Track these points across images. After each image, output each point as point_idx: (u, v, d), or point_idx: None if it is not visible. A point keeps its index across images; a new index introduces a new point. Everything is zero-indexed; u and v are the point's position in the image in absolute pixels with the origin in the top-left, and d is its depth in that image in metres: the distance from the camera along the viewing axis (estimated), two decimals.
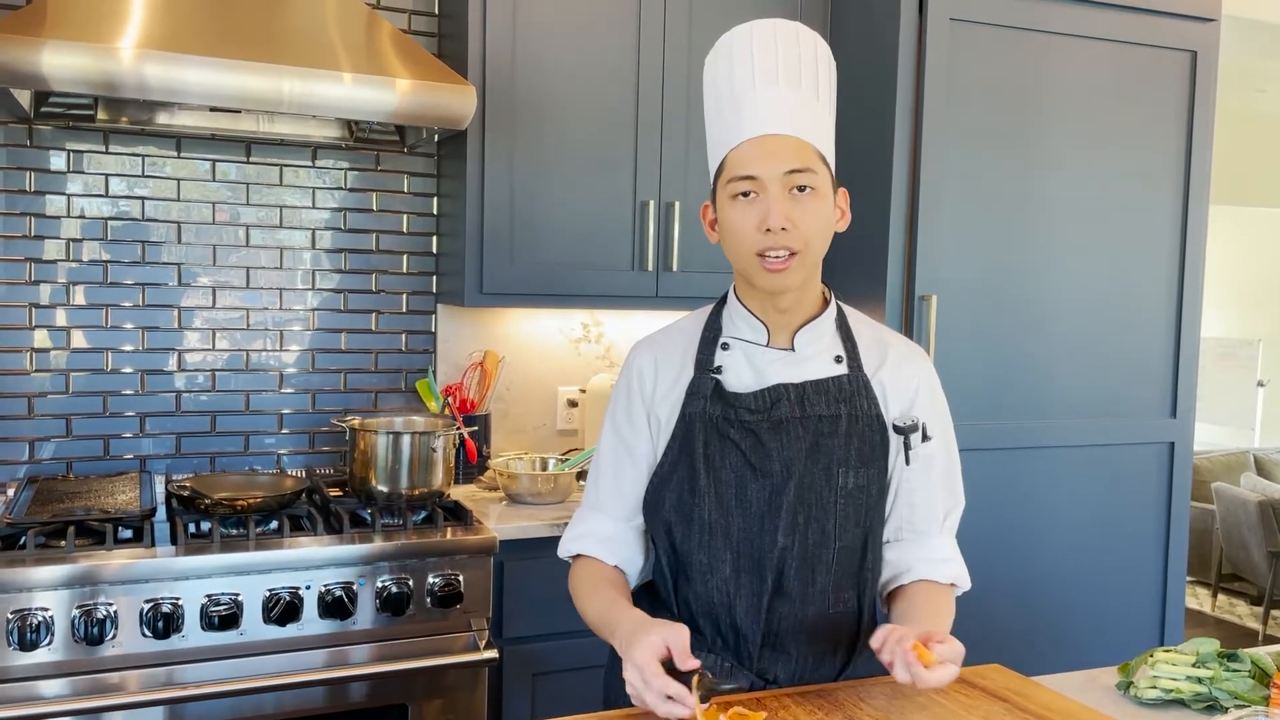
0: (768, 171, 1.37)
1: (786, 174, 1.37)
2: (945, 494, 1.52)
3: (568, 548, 1.53)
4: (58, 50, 1.96)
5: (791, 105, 1.39)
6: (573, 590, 1.50)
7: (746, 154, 1.38)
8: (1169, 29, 2.76)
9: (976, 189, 2.61)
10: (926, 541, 1.50)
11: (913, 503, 1.50)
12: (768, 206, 1.36)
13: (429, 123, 2.29)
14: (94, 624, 1.91)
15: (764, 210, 1.37)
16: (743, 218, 1.38)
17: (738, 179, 1.38)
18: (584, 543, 1.51)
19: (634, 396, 1.50)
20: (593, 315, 2.99)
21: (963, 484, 1.55)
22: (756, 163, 1.37)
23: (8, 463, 2.49)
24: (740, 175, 1.38)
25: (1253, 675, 1.44)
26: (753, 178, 1.37)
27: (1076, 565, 2.77)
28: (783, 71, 1.40)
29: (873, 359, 1.49)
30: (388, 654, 2.12)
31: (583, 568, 1.50)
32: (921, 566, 1.49)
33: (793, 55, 1.41)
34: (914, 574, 1.49)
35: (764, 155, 1.37)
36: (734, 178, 1.39)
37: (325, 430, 2.74)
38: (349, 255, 2.75)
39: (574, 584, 1.50)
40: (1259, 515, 5.49)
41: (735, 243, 1.41)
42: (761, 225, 1.37)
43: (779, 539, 1.41)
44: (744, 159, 1.38)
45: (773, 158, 1.37)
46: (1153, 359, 2.83)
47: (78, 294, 2.52)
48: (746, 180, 1.38)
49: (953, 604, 1.49)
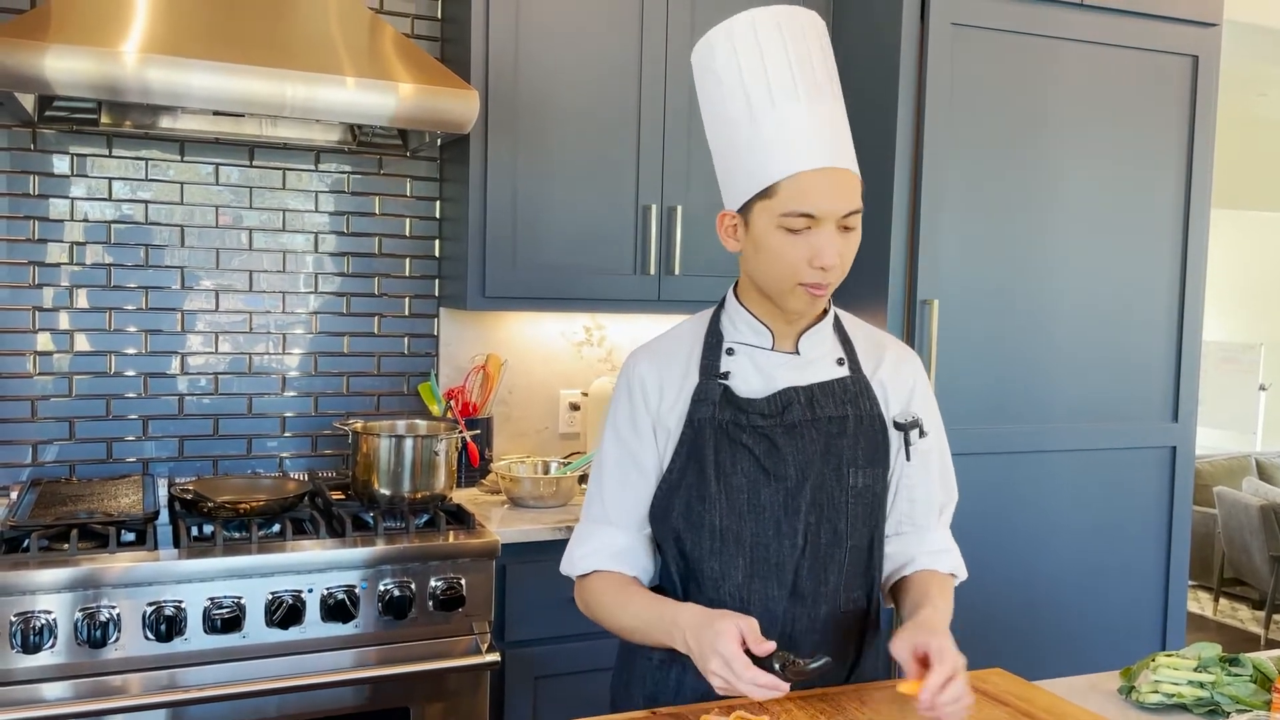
0: (831, 212, 1.34)
1: (845, 215, 1.35)
2: (941, 489, 1.56)
3: (580, 565, 1.49)
4: (61, 54, 1.96)
5: (837, 127, 1.37)
6: (594, 603, 1.47)
7: (810, 190, 1.33)
8: (1170, 34, 2.76)
9: (978, 194, 2.61)
10: (926, 535, 1.54)
11: (913, 498, 1.52)
12: (822, 244, 1.34)
13: (431, 126, 2.30)
14: (97, 627, 1.91)
15: (816, 247, 1.34)
16: (792, 249, 1.35)
17: (796, 214, 1.34)
18: (598, 559, 1.47)
19: (638, 407, 1.47)
20: (595, 319, 3.00)
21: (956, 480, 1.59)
22: (821, 202, 1.33)
23: (11, 465, 2.49)
24: (800, 212, 1.33)
25: (1254, 680, 1.45)
26: (813, 216, 1.34)
27: (1078, 569, 2.77)
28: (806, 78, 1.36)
29: (870, 360, 1.51)
30: (390, 657, 2.12)
31: (601, 580, 1.47)
32: (924, 558, 1.52)
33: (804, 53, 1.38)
34: (916, 565, 1.52)
35: (828, 194, 1.33)
36: (792, 212, 1.34)
37: (328, 433, 2.74)
38: (351, 259, 2.75)
39: (594, 596, 1.47)
40: (1261, 519, 5.48)
41: (777, 269, 1.37)
42: (814, 261, 1.34)
43: (797, 541, 1.42)
44: (807, 194, 1.33)
45: (838, 198, 1.34)
46: (1154, 363, 2.83)
47: (81, 297, 2.52)
48: (805, 218, 1.34)
49: (950, 591, 1.51)
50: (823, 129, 1.35)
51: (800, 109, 1.35)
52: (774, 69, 1.36)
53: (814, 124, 1.35)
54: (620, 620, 1.43)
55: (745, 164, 1.38)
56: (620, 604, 1.43)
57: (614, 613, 1.44)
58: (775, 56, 1.37)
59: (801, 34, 1.39)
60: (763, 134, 1.35)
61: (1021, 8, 2.61)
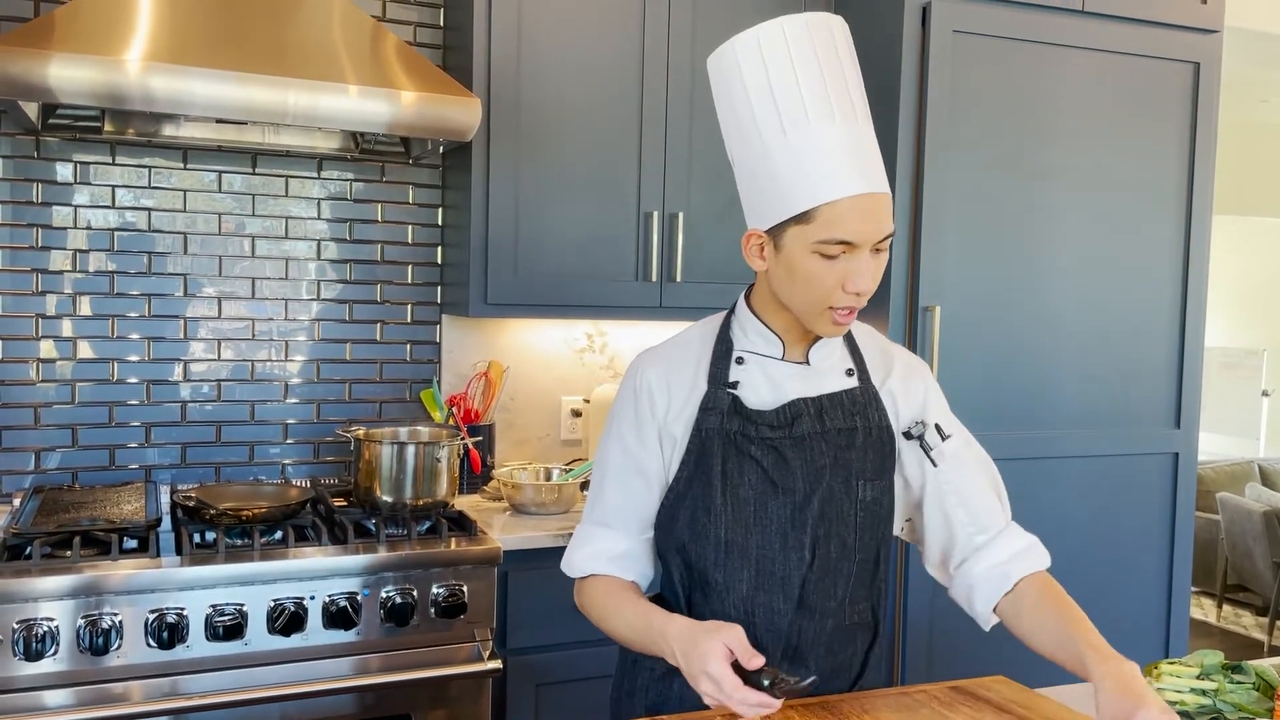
0: (867, 238, 1.32)
1: (880, 240, 1.34)
2: (992, 488, 1.51)
3: (581, 567, 1.49)
4: (65, 63, 1.97)
5: (871, 148, 1.35)
6: (589, 605, 1.47)
7: (848, 217, 1.30)
8: (1171, 40, 2.77)
9: (979, 200, 2.61)
10: (1005, 540, 1.48)
11: (969, 506, 1.48)
12: (857, 268, 1.32)
13: (433, 134, 2.30)
14: (99, 634, 1.91)
15: (850, 271, 1.32)
16: (828, 274, 1.33)
17: (833, 242, 1.31)
18: (597, 562, 1.47)
19: (643, 413, 1.46)
20: (597, 325, 3.00)
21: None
22: (860, 229, 1.31)
23: (13, 473, 2.49)
24: (838, 239, 1.31)
25: (1257, 688, 1.44)
26: (851, 243, 1.32)
27: (1080, 576, 2.76)
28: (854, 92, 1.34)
29: (879, 370, 1.50)
30: (392, 664, 2.12)
31: (599, 583, 1.47)
32: (1018, 565, 1.46)
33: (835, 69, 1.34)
34: (1015, 575, 1.46)
35: (866, 220, 1.31)
36: (829, 240, 1.31)
37: (330, 440, 2.74)
38: (354, 266, 2.76)
39: (591, 599, 1.47)
40: (1264, 525, 5.47)
41: (810, 294, 1.35)
42: (848, 285, 1.33)
43: (804, 554, 1.40)
44: (845, 222, 1.31)
45: (875, 224, 1.32)
46: (1157, 369, 2.83)
47: (84, 304, 2.53)
48: (842, 245, 1.31)
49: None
50: (859, 151, 1.32)
51: (835, 130, 1.31)
52: (807, 84, 1.32)
53: (850, 145, 1.32)
54: (613, 625, 1.43)
55: (778, 185, 1.34)
56: (614, 609, 1.43)
57: (607, 616, 1.44)
58: (808, 70, 1.33)
59: (832, 45, 1.35)
60: (796, 155, 1.32)
61: (1023, 15, 2.61)
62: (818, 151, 1.31)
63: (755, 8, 2.65)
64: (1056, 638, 1.36)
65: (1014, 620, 1.45)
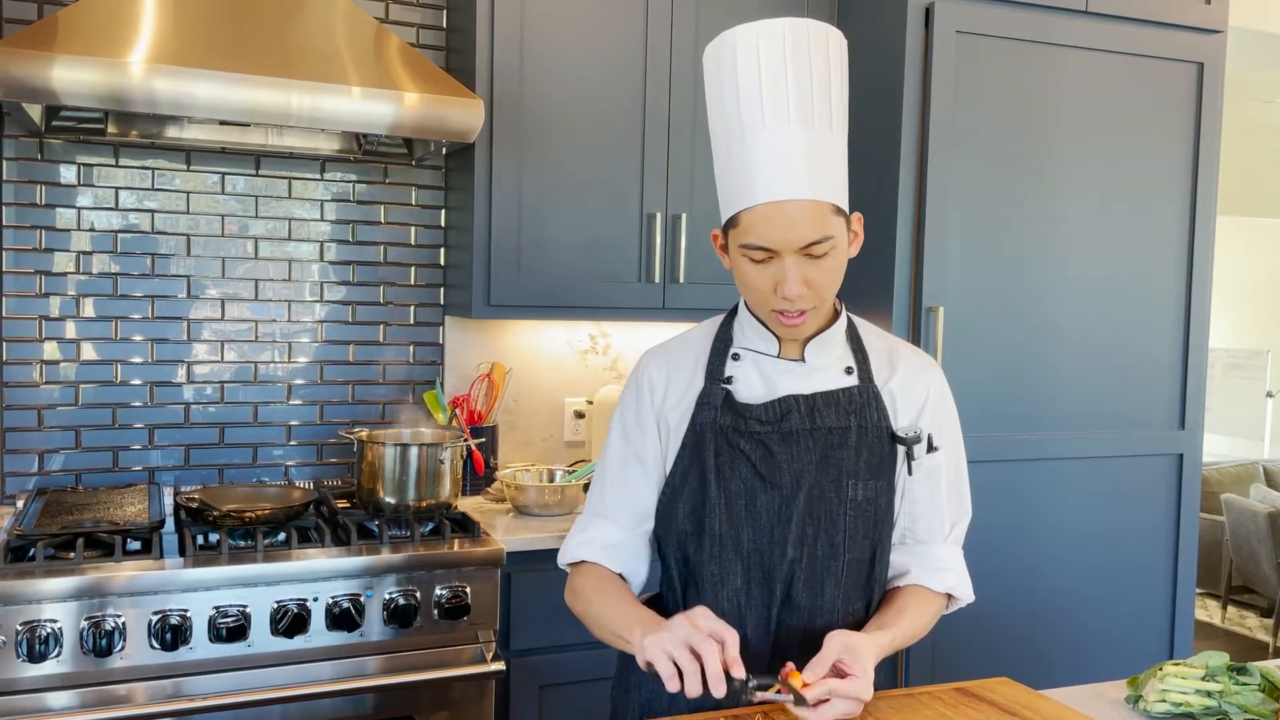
0: (784, 245, 1.31)
1: (807, 245, 1.32)
2: (952, 505, 1.52)
3: (571, 554, 1.51)
4: (68, 65, 1.97)
5: (805, 157, 1.31)
6: (574, 591, 1.48)
7: (762, 223, 1.31)
8: (1175, 41, 2.76)
9: (983, 200, 2.61)
10: (930, 549, 1.51)
11: (915, 512, 1.49)
12: (783, 274, 1.33)
13: (437, 135, 2.30)
14: (102, 636, 1.92)
15: (779, 276, 1.33)
16: (758, 276, 1.35)
17: (753, 247, 1.33)
18: (588, 549, 1.49)
19: (644, 403, 1.49)
20: (600, 327, 3.00)
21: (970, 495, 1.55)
22: (772, 236, 1.31)
23: (17, 474, 2.50)
24: (754, 245, 1.32)
25: (1262, 689, 1.44)
26: (767, 249, 1.32)
27: (1085, 577, 2.76)
28: (794, 101, 1.31)
29: (883, 370, 1.49)
30: (395, 666, 2.12)
31: (586, 572, 1.48)
32: (919, 572, 1.49)
33: (804, 74, 1.33)
34: (910, 578, 1.49)
35: (781, 228, 1.31)
36: (749, 244, 1.33)
37: (333, 442, 2.74)
38: (357, 267, 2.76)
39: (576, 586, 1.48)
40: (1269, 527, 5.46)
41: (749, 294, 1.39)
42: (777, 290, 1.34)
43: (788, 551, 1.41)
44: (759, 228, 1.32)
45: (790, 232, 1.30)
46: (1161, 370, 2.82)
47: (87, 306, 2.53)
48: (762, 250, 1.32)
49: (933, 610, 1.48)
50: (801, 157, 1.31)
51: (781, 134, 1.31)
52: (770, 89, 1.32)
53: (791, 150, 1.31)
54: (591, 612, 1.43)
55: (723, 188, 1.39)
56: (595, 597, 1.43)
57: (586, 605, 1.44)
58: (774, 74, 1.32)
59: (807, 51, 1.34)
60: (743, 159, 1.34)
61: (1026, 16, 2.61)
62: (750, 159, 1.33)
63: (758, 8, 2.65)
64: (871, 624, 1.41)
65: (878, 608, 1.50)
